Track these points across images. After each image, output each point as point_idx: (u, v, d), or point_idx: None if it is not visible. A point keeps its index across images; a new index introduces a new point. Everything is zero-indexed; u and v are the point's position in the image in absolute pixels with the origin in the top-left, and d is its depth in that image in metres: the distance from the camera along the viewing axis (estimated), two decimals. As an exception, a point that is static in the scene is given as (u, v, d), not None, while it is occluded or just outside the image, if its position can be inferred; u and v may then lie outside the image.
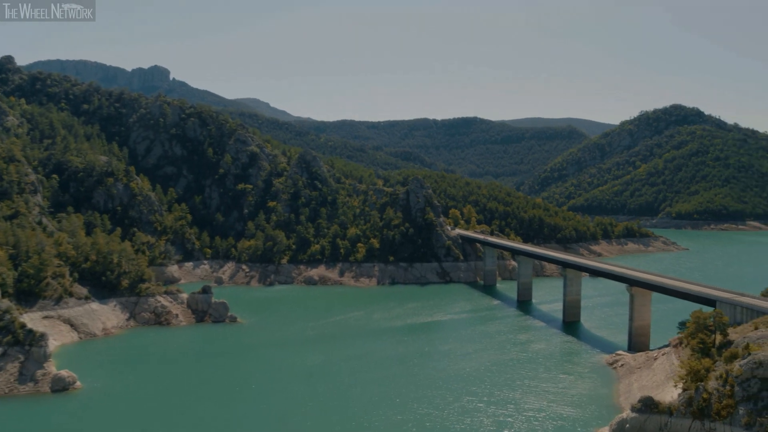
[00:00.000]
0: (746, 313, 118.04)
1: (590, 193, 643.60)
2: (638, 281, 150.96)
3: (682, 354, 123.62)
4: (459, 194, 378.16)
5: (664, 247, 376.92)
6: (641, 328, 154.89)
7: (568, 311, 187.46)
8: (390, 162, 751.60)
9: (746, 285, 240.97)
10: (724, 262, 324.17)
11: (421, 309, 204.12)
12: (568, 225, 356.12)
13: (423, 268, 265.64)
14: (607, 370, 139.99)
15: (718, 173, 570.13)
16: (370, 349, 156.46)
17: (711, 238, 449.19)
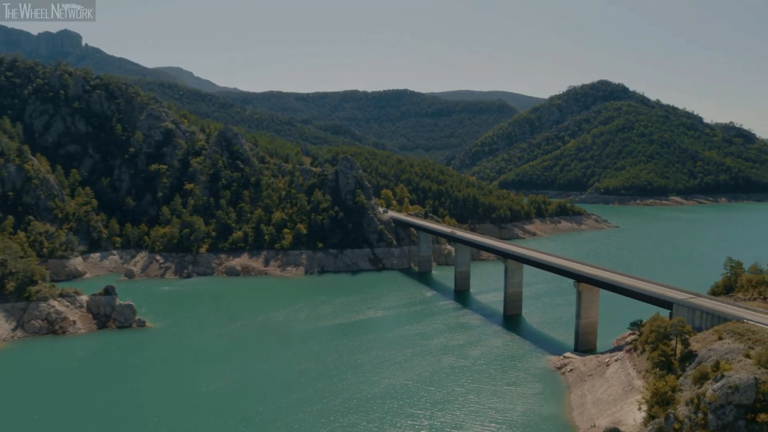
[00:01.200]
0: (706, 318, 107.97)
1: (521, 168, 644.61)
2: (587, 277, 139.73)
3: (638, 362, 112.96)
4: (391, 173, 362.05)
5: (595, 225, 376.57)
6: (588, 326, 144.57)
7: (510, 304, 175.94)
8: (319, 136, 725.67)
9: (679, 267, 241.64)
10: (654, 241, 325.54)
11: (352, 304, 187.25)
12: (502, 204, 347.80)
13: (354, 255, 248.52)
14: (555, 377, 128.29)
15: (643, 149, 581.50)
16: (289, 360, 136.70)
17: (638, 214, 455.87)
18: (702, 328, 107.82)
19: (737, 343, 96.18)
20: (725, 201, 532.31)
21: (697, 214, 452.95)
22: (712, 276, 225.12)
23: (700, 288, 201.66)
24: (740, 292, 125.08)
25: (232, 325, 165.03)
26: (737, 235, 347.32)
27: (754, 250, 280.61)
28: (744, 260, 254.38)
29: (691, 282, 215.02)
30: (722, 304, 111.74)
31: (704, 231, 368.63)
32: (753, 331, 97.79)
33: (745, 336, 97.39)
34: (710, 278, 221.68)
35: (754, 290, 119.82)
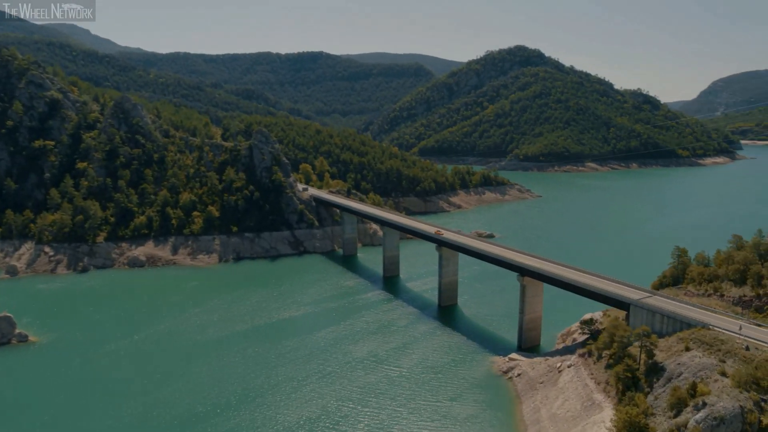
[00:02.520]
0: (668, 322, 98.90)
1: (440, 135, 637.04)
2: (532, 272, 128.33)
3: (595, 371, 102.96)
4: (309, 144, 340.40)
5: (519, 195, 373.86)
6: (532, 322, 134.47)
7: (445, 294, 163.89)
8: (231, 101, 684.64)
9: (608, 242, 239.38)
10: (578, 212, 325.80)
11: (271, 300, 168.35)
12: (426, 176, 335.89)
13: (273, 239, 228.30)
14: (501, 384, 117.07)
15: (559, 115, 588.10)
16: (181, 389, 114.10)
17: (557, 182, 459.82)
18: (663, 333, 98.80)
19: (708, 355, 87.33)
20: (636, 167, 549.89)
21: (612, 182, 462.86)
22: (641, 249, 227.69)
23: (636, 264, 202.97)
24: (691, 285, 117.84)
25: (134, 335, 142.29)
26: (653, 202, 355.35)
27: (672, 219, 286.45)
28: (664, 230, 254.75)
29: (624, 257, 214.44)
30: (683, 305, 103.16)
31: (622, 200, 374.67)
32: (722, 341, 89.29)
33: (714, 346, 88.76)
34: (640, 251, 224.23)
35: (708, 285, 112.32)
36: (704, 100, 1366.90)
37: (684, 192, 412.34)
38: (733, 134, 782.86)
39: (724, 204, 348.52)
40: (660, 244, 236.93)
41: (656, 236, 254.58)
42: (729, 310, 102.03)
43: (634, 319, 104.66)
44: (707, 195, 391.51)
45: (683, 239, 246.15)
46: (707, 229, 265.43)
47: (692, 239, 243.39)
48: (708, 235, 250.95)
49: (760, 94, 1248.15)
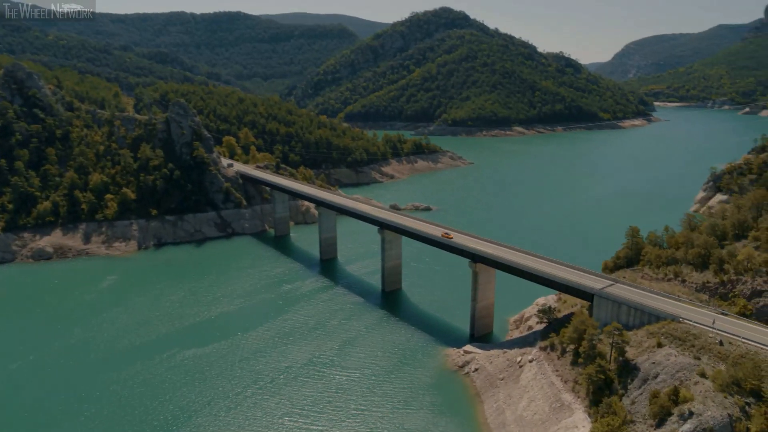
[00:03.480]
0: (635, 314, 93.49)
1: (367, 99, 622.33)
2: (485, 258, 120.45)
3: (560, 368, 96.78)
4: (232, 114, 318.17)
5: (451, 162, 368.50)
6: (485, 309, 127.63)
7: (389, 279, 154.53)
8: (143, 66, 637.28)
9: (547, 211, 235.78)
10: (510, 179, 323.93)
11: (197, 295, 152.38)
12: (357, 146, 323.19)
13: (197, 221, 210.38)
14: (458, 381, 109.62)
15: (486, 79, 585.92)
16: (97, 415, 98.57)
17: (487, 147, 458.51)
18: (630, 326, 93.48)
19: (682, 352, 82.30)
20: (561, 130, 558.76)
21: (540, 146, 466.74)
22: (581, 221, 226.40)
23: (580, 239, 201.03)
24: (647, 268, 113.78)
25: (41, 347, 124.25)
26: (583, 168, 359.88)
27: (605, 185, 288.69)
28: (600, 198, 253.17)
29: (566, 230, 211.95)
30: (649, 294, 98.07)
31: (553, 166, 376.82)
32: (694, 335, 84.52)
33: (687, 342, 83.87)
34: (580, 224, 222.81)
35: (666, 268, 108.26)
36: (618, 63, 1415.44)
37: (610, 156, 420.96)
38: (646, 96, 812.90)
39: (650, 168, 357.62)
40: (598, 214, 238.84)
41: (593, 205, 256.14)
42: (694, 297, 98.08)
43: (598, 311, 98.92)
44: (632, 159, 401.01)
45: (618, 208, 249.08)
46: (638, 197, 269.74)
47: (626, 208, 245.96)
48: (641, 204, 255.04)
49: (668, 57, 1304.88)
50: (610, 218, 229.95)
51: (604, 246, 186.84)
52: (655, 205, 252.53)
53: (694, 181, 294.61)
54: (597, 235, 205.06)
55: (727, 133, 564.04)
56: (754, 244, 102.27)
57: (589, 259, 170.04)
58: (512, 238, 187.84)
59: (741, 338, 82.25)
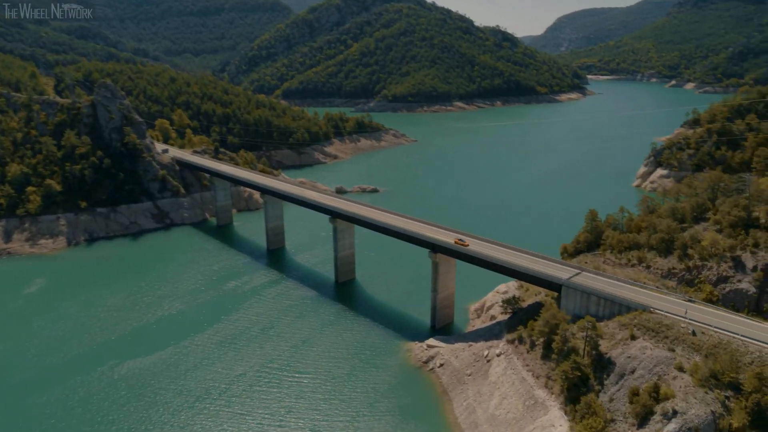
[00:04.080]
0: (605, 304, 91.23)
1: (304, 75, 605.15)
2: (448, 249, 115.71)
3: (531, 362, 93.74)
4: (164, 95, 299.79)
5: (395, 140, 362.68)
6: (446, 299, 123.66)
7: (342, 269, 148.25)
8: (62, 42, 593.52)
9: (489, 187, 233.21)
10: (455, 157, 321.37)
11: (135, 296, 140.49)
12: (299, 126, 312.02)
13: (132, 212, 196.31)
14: (423, 378, 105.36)
15: (425, 54, 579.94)
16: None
17: (429, 123, 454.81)
18: (600, 316, 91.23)
19: (655, 344, 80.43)
20: (500, 104, 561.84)
21: (480, 122, 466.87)
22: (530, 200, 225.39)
23: (533, 220, 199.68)
24: (608, 252, 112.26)
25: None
26: (526, 144, 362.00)
27: (549, 161, 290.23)
28: (547, 176, 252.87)
29: (516, 210, 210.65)
30: (617, 282, 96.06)
31: (495, 142, 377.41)
32: (666, 326, 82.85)
33: (660, 333, 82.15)
34: (531, 203, 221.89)
35: (629, 253, 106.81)
36: (551, 36, 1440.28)
37: (551, 130, 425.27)
38: (579, 69, 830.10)
39: (590, 142, 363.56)
40: (546, 192, 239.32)
41: (540, 182, 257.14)
42: (660, 284, 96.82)
43: (566, 301, 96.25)
44: (572, 133, 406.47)
45: (564, 185, 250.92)
46: (583, 172, 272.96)
47: (572, 184, 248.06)
48: (586, 180, 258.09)
49: (598, 31, 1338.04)
50: (559, 196, 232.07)
51: (558, 226, 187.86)
52: (599, 180, 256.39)
53: (634, 155, 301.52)
54: (549, 215, 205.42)
55: (657, 105, 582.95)
56: (714, 227, 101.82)
57: (543, 240, 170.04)
58: (464, 222, 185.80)
59: (713, 327, 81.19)
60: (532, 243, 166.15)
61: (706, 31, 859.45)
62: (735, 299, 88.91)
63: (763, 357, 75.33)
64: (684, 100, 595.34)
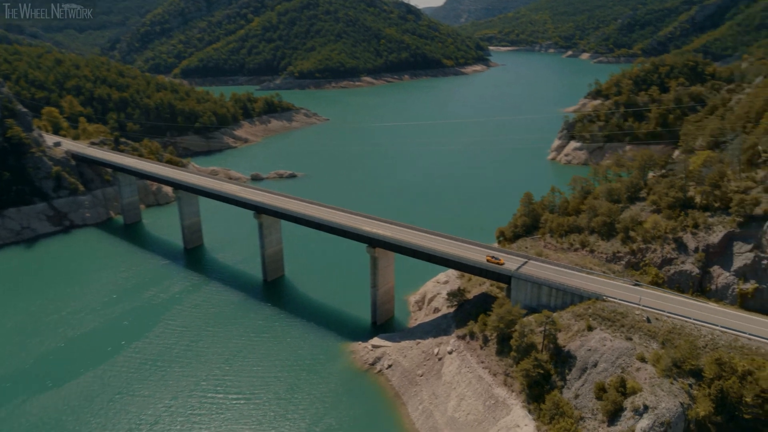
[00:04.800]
0: (557, 295, 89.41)
1: (204, 52, 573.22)
2: (387, 243, 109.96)
3: (486, 359, 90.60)
4: (50, 79, 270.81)
5: (306, 120, 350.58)
6: (386, 294, 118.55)
7: (270, 267, 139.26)
8: None
9: (409, 167, 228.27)
10: (369, 135, 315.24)
11: (35, 317, 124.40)
12: (205, 109, 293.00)
13: (23, 216, 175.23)
14: (372, 382, 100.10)
15: (330, 28, 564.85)
16: None
17: (338, 100, 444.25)
18: (553, 307, 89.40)
19: (614, 334, 79.25)
20: (408, 78, 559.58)
21: (390, 97, 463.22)
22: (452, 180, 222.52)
23: (459, 200, 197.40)
24: (548, 236, 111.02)
25: None
26: (438, 117, 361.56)
27: (467, 135, 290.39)
28: (469, 156, 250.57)
29: (439, 190, 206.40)
30: (566, 269, 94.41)
31: (407, 118, 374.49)
32: (621, 314, 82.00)
33: (617, 322, 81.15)
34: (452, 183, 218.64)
35: (570, 237, 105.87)
36: (450, 8, 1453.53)
37: (462, 104, 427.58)
38: (481, 41, 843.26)
39: (502, 114, 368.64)
40: (469, 168, 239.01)
41: (461, 158, 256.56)
42: (606, 268, 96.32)
43: (516, 293, 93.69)
44: (484, 105, 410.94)
45: (486, 159, 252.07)
46: (501, 145, 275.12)
47: (493, 159, 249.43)
48: (505, 153, 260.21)
49: (496, 1, 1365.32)
50: (478, 173, 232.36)
51: (485, 206, 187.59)
52: (515, 155, 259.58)
53: (544, 127, 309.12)
54: (473, 194, 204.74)
55: (558, 75, 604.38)
56: (651, 207, 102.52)
57: (474, 222, 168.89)
58: (391, 207, 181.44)
59: (666, 313, 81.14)
60: (462, 226, 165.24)
61: (597, 2, 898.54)
62: (680, 281, 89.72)
63: (716, 340, 76.00)
64: (581, 70, 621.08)
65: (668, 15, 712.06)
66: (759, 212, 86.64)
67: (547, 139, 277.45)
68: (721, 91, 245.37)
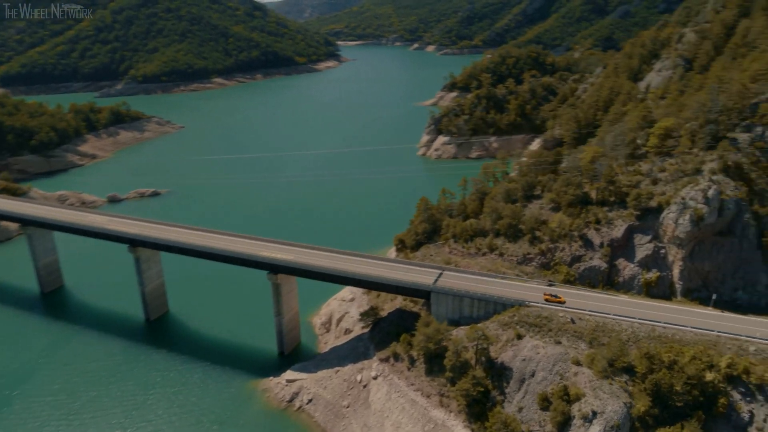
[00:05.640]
0: (480, 305, 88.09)
1: (26, 56, 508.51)
2: (292, 268, 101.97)
3: (416, 380, 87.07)
4: None
5: (160, 129, 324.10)
6: (291, 321, 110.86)
7: (152, 304, 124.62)
8: None
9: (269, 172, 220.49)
10: (229, 142, 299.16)
11: None
12: (41, 124, 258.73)
13: None
14: (292, 422, 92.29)
15: (173, 27, 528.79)
16: None
17: (190, 106, 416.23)
18: (477, 318, 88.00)
19: (543, 340, 79.35)
20: (261, 77, 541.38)
21: (245, 99, 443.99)
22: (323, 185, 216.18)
23: (339, 204, 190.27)
24: (452, 242, 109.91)
25: None
26: (300, 118, 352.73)
27: (333, 136, 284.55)
28: (333, 150, 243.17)
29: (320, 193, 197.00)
30: (483, 278, 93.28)
31: (267, 121, 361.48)
32: (546, 318, 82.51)
33: (544, 327, 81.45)
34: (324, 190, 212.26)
35: (476, 241, 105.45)
36: (294, 2, 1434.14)
37: (321, 102, 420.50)
38: (329, 36, 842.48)
39: (364, 111, 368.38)
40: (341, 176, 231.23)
41: (332, 162, 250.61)
42: (519, 271, 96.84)
43: (437, 308, 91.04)
44: (343, 102, 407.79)
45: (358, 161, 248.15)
46: (370, 144, 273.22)
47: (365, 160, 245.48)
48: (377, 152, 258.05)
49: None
50: (354, 177, 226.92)
51: (372, 212, 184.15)
52: (386, 153, 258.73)
53: (408, 122, 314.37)
54: (355, 201, 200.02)
55: (409, 68, 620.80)
56: (550, 205, 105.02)
57: (366, 230, 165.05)
58: (271, 224, 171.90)
59: (587, 311, 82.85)
60: (357, 235, 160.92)
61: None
62: (590, 276, 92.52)
63: (636, 332, 78.86)
64: (429, 63, 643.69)
65: (503, 8, 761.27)
66: (654, 204, 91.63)
67: (412, 133, 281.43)
68: (568, 81, 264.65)
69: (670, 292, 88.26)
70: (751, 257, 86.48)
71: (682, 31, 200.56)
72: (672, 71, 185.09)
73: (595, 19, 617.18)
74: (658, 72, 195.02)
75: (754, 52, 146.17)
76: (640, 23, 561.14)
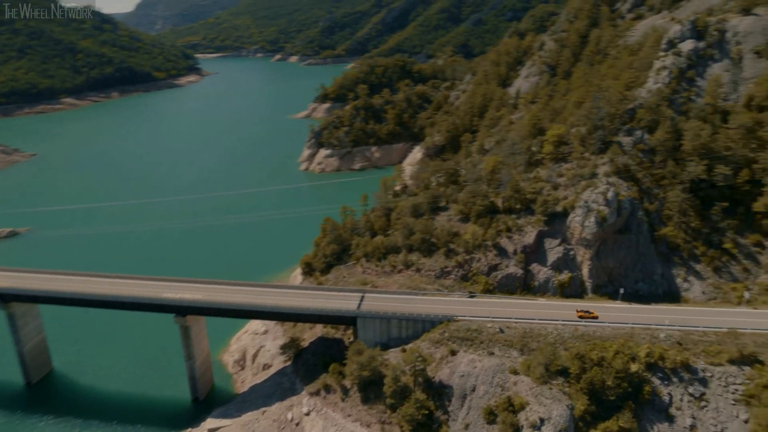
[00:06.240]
0: (408, 326, 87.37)
1: None
2: (199, 308, 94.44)
3: (354, 411, 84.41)
4: None
5: (7, 158, 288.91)
6: (204, 364, 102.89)
7: (31, 366, 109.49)
8: None
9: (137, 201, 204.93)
10: (96, 167, 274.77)
11: None
12: None
13: None
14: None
15: (9, 42, 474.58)
16: None
17: (40, 131, 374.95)
18: (407, 338, 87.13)
19: (479, 353, 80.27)
20: (117, 95, 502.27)
21: (101, 120, 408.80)
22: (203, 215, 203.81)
23: (236, 230, 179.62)
24: (364, 261, 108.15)
25: None
26: (168, 139, 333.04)
27: (207, 156, 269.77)
28: (209, 171, 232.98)
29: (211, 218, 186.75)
30: (403, 295, 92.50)
31: (132, 142, 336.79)
32: (475, 330, 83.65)
33: (476, 340, 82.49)
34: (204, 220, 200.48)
35: (390, 258, 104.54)
36: (143, 14, 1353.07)
37: (187, 121, 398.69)
38: (186, 49, 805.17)
39: (237, 127, 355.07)
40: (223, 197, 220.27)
41: (212, 182, 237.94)
42: (439, 285, 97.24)
43: (364, 332, 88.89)
44: (212, 120, 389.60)
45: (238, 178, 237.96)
46: (247, 162, 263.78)
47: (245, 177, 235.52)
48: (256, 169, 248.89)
49: (192, 7, 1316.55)
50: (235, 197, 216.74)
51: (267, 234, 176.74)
52: (267, 171, 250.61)
53: (284, 136, 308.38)
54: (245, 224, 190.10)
55: (273, 80, 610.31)
56: (458, 216, 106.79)
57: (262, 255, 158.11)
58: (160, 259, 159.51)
59: (513, 319, 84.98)
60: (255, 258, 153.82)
61: (295, 6, 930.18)
62: (508, 284, 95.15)
63: (561, 333, 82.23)
64: (294, 73, 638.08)
65: (362, 17, 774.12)
66: (560, 209, 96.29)
67: (291, 148, 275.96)
68: (440, 89, 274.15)
69: (582, 291, 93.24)
70: (646, 251, 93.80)
71: (543, 40, 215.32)
72: (539, 77, 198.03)
73: (450, 27, 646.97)
74: (525, 78, 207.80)
75: (607, 59, 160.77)
76: (491, 30, 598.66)
